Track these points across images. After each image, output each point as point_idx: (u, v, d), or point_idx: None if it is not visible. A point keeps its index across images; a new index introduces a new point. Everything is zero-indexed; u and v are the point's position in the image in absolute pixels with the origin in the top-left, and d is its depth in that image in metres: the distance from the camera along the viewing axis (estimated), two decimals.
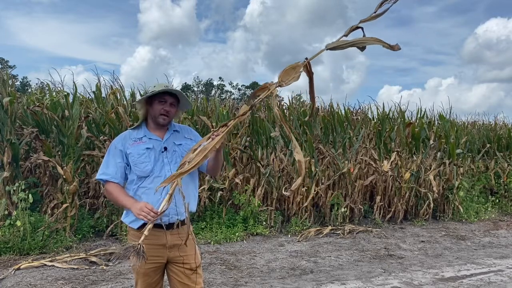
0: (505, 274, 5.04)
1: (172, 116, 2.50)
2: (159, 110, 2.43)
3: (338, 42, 2.22)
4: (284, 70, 2.19)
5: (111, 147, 2.47)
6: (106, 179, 2.41)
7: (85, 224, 6.00)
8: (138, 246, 2.02)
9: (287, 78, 2.20)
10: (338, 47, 2.21)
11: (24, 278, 4.39)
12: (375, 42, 2.17)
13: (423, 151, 8.57)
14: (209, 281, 4.47)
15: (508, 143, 10.58)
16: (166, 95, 2.43)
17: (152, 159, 2.40)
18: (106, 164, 2.44)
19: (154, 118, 2.47)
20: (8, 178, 5.55)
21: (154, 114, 2.45)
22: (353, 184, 7.58)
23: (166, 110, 2.43)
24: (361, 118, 9.54)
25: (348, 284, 4.55)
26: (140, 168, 2.39)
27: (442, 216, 8.44)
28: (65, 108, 6.13)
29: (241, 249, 5.82)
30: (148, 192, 2.40)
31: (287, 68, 2.19)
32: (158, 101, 2.43)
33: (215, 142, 2.20)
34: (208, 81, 61.72)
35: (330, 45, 2.21)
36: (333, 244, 6.31)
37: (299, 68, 2.19)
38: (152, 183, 2.39)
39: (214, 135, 2.26)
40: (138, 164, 2.39)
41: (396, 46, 2.14)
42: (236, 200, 6.70)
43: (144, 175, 2.40)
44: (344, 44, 2.20)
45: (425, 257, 5.82)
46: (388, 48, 2.16)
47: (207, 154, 2.18)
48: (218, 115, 7.56)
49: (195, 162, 2.16)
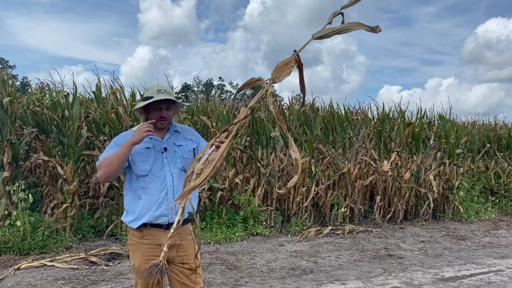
0: (505, 274, 5.04)
1: (171, 117, 2.52)
2: (156, 117, 2.45)
3: (323, 31, 2.23)
4: (277, 67, 2.21)
5: (111, 143, 2.47)
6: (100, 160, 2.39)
7: (85, 224, 6.00)
8: (160, 264, 2.02)
9: (280, 74, 2.22)
10: (324, 35, 2.23)
11: (24, 278, 4.39)
12: (358, 27, 2.20)
13: (423, 151, 8.57)
14: (209, 281, 4.46)
15: (508, 143, 10.58)
16: (160, 102, 2.43)
17: (151, 158, 2.41)
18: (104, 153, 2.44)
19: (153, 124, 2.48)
20: (8, 178, 5.55)
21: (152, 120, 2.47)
22: (353, 184, 7.58)
23: (163, 117, 2.46)
24: (361, 118, 9.53)
25: (348, 284, 4.55)
26: (139, 167, 2.40)
27: (442, 216, 8.44)
28: (65, 108, 6.12)
29: (241, 249, 5.82)
30: (148, 192, 2.40)
31: (280, 64, 2.21)
32: (153, 109, 2.46)
33: (221, 151, 2.18)
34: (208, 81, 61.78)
35: (316, 35, 2.23)
36: (333, 244, 6.30)
37: (291, 62, 2.22)
38: (152, 182, 2.40)
39: (217, 142, 2.24)
40: (137, 163, 2.40)
41: (377, 28, 2.19)
42: (236, 200, 6.70)
43: (142, 174, 2.40)
44: (329, 32, 2.23)
45: (425, 257, 5.82)
46: (370, 30, 2.19)
47: (216, 164, 2.16)
48: (218, 115, 7.56)
49: (206, 174, 2.15)
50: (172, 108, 2.51)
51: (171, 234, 2.08)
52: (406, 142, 8.55)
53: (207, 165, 2.16)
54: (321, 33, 2.23)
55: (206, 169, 2.15)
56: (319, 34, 2.23)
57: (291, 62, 2.21)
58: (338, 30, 2.22)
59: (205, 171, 2.15)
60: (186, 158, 2.49)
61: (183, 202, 2.11)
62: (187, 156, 2.50)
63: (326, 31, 2.23)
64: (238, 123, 2.30)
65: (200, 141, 2.61)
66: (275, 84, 2.25)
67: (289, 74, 2.24)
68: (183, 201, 2.11)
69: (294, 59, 2.22)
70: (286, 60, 2.22)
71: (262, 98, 2.37)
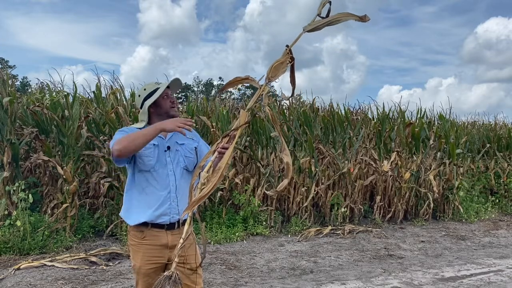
0: (505, 274, 5.04)
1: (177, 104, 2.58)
2: (168, 105, 2.48)
3: (314, 23, 2.23)
4: (273, 66, 2.20)
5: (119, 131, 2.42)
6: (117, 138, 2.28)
7: (85, 224, 6.00)
8: (172, 274, 2.00)
9: (276, 73, 2.22)
10: (315, 28, 2.23)
11: (24, 278, 4.39)
12: (347, 17, 2.20)
13: (423, 151, 8.57)
14: (209, 281, 4.46)
15: (508, 143, 10.57)
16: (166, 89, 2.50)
17: (156, 155, 2.40)
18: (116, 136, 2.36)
19: (166, 114, 2.46)
20: (8, 178, 5.54)
21: (165, 110, 2.46)
22: (353, 184, 7.58)
23: (173, 101, 2.50)
24: (361, 118, 9.53)
25: (348, 284, 4.55)
26: (143, 161, 2.37)
27: (442, 216, 8.44)
28: (65, 108, 6.12)
29: (241, 249, 5.82)
30: (150, 190, 2.39)
31: (276, 64, 2.20)
32: (162, 98, 2.46)
33: (226, 159, 2.13)
34: (208, 81, 61.76)
35: (307, 28, 2.23)
36: (333, 244, 6.31)
37: (286, 60, 2.21)
38: (154, 180, 2.39)
39: (220, 148, 2.19)
40: (143, 156, 2.36)
41: (365, 17, 2.19)
42: (236, 200, 6.70)
43: (145, 169, 2.38)
44: (320, 24, 2.22)
45: (425, 257, 5.82)
46: (359, 20, 2.20)
47: (223, 173, 2.12)
48: (218, 115, 7.56)
49: (213, 183, 2.09)
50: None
51: (180, 246, 2.04)
52: (406, 142, 8.56)
53: (214, 174, 2.11)
54: (312, 25, 2.22)
55: (213, 178, 2.09)
56: (310, 27, 2.22)
57: (286, 59, 2.21)
58: (328, 21, 2.21)
59: (212, 180, 2.09)
60: (188, 157, 2.48)
61: (190, 212, 2.08)
62: (190, 155, 2.49)
63: (317, 23, 2.22)
64: (240, 128, 2.24)
65: (200, 141, 2.61)
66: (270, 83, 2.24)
67: (284, 72, 2.24)
68: (191, 211, 2.08)
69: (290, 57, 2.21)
70: (281, 59, 2.21)
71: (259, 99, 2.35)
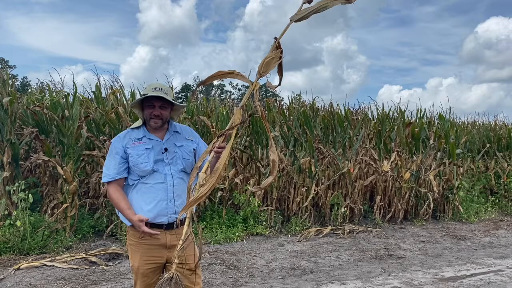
0: (505, 274, 5.04)
1: (166, 117, 2.48)
2: (148, 115, 2.43)
3: (301, 13, 2.22)
4: (264, 62, 2.21)
5: (111, 148, 2.49)
6: (108, 180, 2.42)
7: (85, 224, 6.00)
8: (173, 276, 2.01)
9: (267, 69, 2.23)
10: (303, 17, 2.22)
11: (24, 278, 4.39)
12: (333, 2, 2.19)
13: (423, 151, 8.57)
14: (209, 281, 4.47)
15: (508, 143, 10.57)
16: (153, 100, 2.40)
17: (151, 159, 2.41)
18: (107, 166, 2.45)
19: (147, 121, 2.48)
20: (8, 178, 5.55)
21: (146, 117, 2.46)
22: (353, 184, 7.58)
23: (155, 115, 2.42)
24: (361, 118, 9.52)
25: (348, 284, 4.55)
26: (139, 168, 2.40)
27: (442, 216, 8.44)
28: (65, 108, 6.13)
29: (241, 249, 5.82)
30: (148, 191, 2.40)
31: (267, 60, 2.21)
32: (146, 106, 2.43)
33: (224, 159, 2.15)
34: None
35: (294, 17, 2.22)
36: (333, 244, 6.31)
37: (277, 56, 2.22)
38: (152, 182, 2.41)
39: (216, 148, 2.21)
40: (138, 164, 2.40)
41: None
42: (236, 200, 6.70)
43: (144, 175, 2.42)
44: (308, 13, 2.21)
45: (425, 257, 5.82)
46: (345, 3, 2.19)
47: (221, 173, 2.14)
48: (218, 115, 7.56)
49: (211, 184, 2.11)
50: (168, 108, 2.47)
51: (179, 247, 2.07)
52: (406, 142, 8.55)
53: (211, 175, 2.12)
54: (299, 15, 2.21)
55: (211, 179, 2.11)
56: (297, 16, 2.21)
57: (276, 54, 2.21)
58: (315, 9, 2.19)
59: (210, 181, 2.11)
60: (186, 159, 2.49)
61: (188, 212, 2.09)
62: (188, 157, 2.50)
63: (304, 12, 2.21)
64: (235, 127, 2.26)
65: (200, 142, 2.61)
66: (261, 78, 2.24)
67: (275, 67, 2.25)
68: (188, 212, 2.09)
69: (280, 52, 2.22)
70: (271, 54, 2.22)
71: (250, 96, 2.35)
